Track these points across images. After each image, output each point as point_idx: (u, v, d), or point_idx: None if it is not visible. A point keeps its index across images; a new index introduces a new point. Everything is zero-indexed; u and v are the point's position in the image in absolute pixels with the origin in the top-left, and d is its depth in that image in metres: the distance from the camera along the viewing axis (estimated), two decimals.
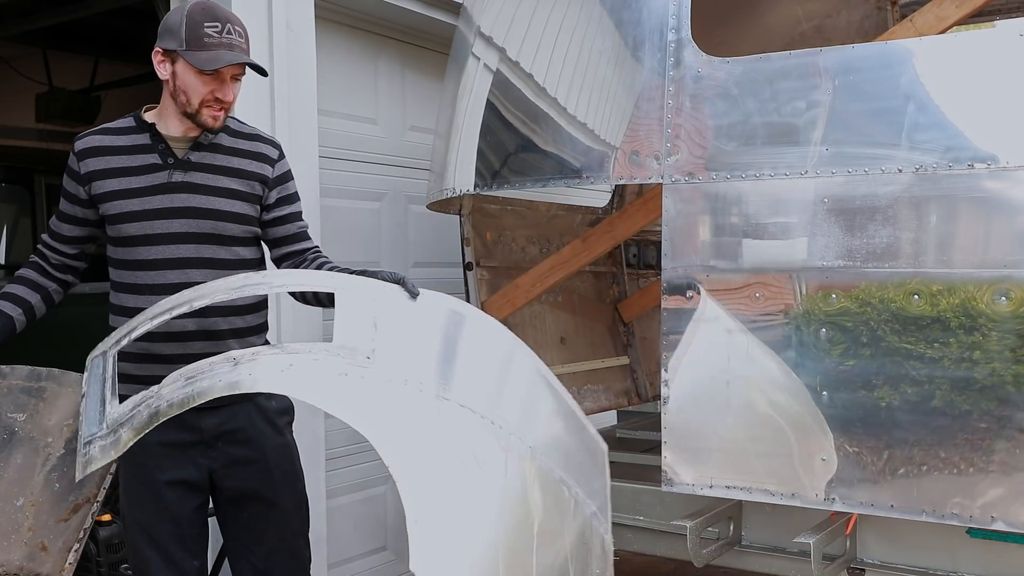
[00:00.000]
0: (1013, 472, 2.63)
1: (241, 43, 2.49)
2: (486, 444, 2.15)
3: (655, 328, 4.94)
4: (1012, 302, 2.61)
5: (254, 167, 2.66)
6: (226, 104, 2.52)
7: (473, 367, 2.32)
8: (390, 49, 4.90)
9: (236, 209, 2.61)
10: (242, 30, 2.50)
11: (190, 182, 2.55)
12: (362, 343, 2.10)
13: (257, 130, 2.77)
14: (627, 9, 3.31)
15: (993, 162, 2.65)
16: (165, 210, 2.53)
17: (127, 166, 2.54)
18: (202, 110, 2.50)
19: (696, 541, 3.14)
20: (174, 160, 2.55)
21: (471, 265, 4.26)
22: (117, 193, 2.53)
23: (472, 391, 2.21)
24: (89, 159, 2.55)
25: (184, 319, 2.42)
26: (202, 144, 2.58)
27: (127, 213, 2.53)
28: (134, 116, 2.63)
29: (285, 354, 2.06)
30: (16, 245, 5.78)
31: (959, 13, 3.33)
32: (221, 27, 2.45)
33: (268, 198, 2.69)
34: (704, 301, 3.05)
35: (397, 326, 2.25)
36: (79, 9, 4.67)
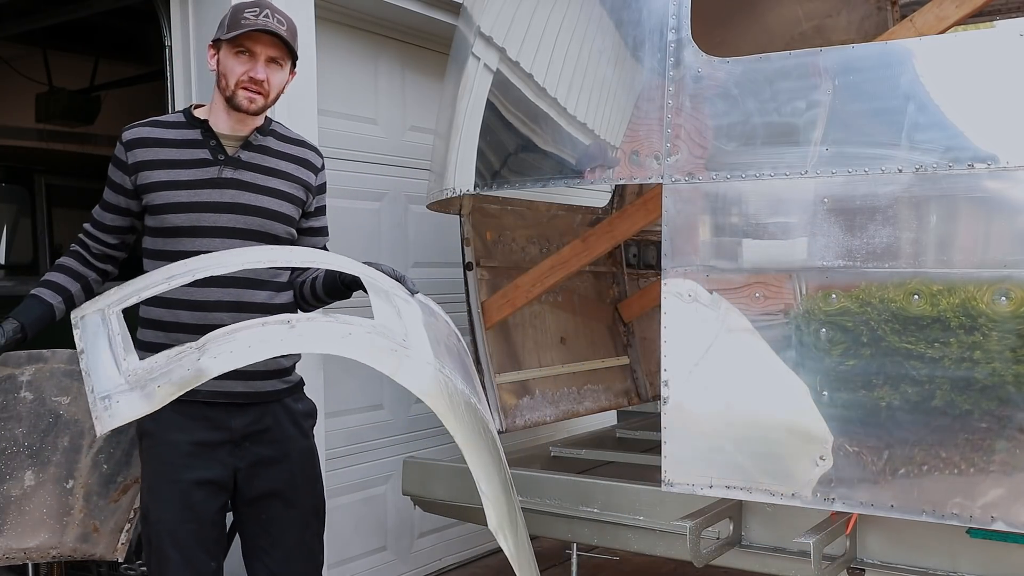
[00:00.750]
0: (1013, 472, 2.63)
1: (279, 27, 2.53)
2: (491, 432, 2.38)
3: (655, 328, 4.93)
4: (1012, 302, 2.61)
5: (301, 172, 2.73)
6: (259, 83, 2.55)
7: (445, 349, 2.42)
8: (390, 49, 4.90)
9: (283, 210, 2.67)
10: (282, 17, 2.56)
11: (240, 179, 2.61)
12: (397, 328, 2.16)
13: (303, 137, 2.84)
14: (627, 9, 3.31)
15: (993, 162, 2.65)
16: (214, 204, 2.57)
17: (176, 159, 2.59)
18: (237, 91, 2.55)
19: (696, 541, 3.13)
20: (224, 157, 2.61)
21: (471, 265, 4.26)
22: (165, 184, 2.57)
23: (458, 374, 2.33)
24: (137, 149, 2.60)
25: (216, 288, 2.48)
26: (252, 144, 2.64)
27: (175, 204, 2.57)
28: (184, 112, 2.69)
29: (339, 323, 2.05)
30: (16, 245, 5.78)
31: (959, 13, 3.34)
32: (259, 11, 2.52)
33: (309, 205, 2.77)
34: (704, 301, 3.05)
35: (414, 319, 2.32)
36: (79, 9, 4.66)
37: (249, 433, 2.63)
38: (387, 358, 2.08)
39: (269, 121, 2.72)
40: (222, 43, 2.55)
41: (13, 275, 5.65)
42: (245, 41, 2.53)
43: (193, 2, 3.98)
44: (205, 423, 2.55)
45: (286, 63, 2.62)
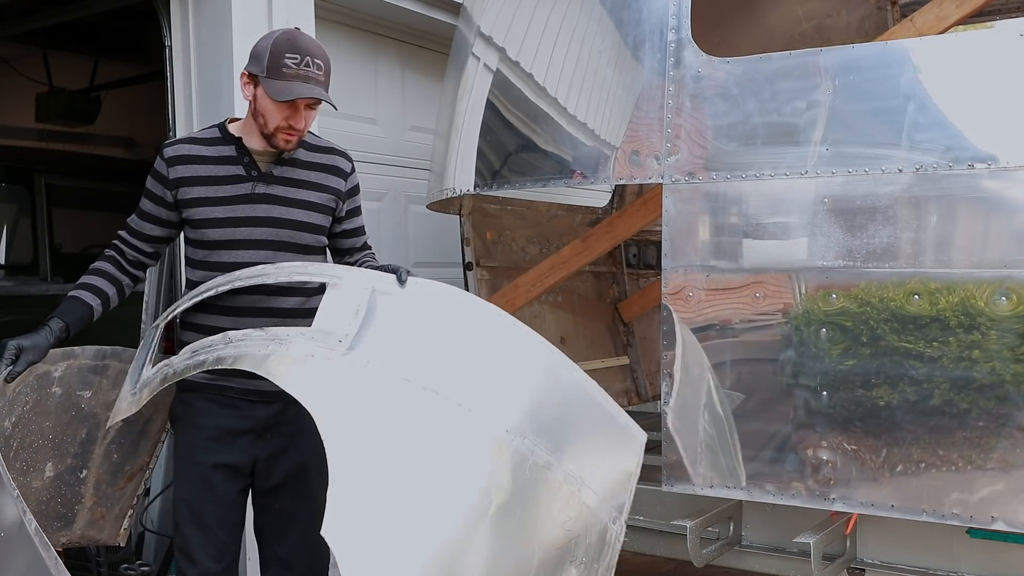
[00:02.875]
0: (1013, 471, 2.63)
1: (318, 76, 2.59)
2: (443, 425, 2.19)
3: (655, 328, 4.94)
4: (1012, 302, 2.61)
5: (331, 181, 2.80)
6: (299, 131, 2.64)
7: (454, 352, 2.35)
8: (390, 49, 4.90)
9: (313, 220, 2.75)
10: (322, 63, 2.61)
11: (272, 194, 2.69)
12: (339, 328, 2.23)
13: (331, 143, 2.90)
14: (627, 9, 3.31)
15: (993, 162, 2.65)
16: (248, 218, 2.67)
17: (214, 175, 2.68)
18: (277, 134, 2.63)
19: (696, 541, 3.14)
20: (258, 173, 2.69)
21: (471, 265, 4.26)
22: (204, 200, 2.67)
23: (446, 374, 2.24)
24: (178, 166, 2.68)
25: (249, 295, 2.62)
26: (283, 159, 2.72)
27: (212, 219, 2.66)
28: (219, 127, 2.76)
29: (267, 338, 2.28)
30: (16, 245, 5.78)
31: (959, 13, 3.33)
32: (300, 59, 2.56)
33: (340, 211, 2.84)
34: (704, 301, 3.05)
35: (384, 314, 2.32)
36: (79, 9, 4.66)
37: (272, 424, 2.74)
38: (292, 368, 2.20)
39: None
40: (260, 81, 2.59)
41: (13, 275, 5.65)
42: None
43: (193, 2, 3.98)
44: (234, 411, 2.68)
45: (320, 101, 2.68)
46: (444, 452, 2.18)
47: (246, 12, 3.92)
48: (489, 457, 2.21)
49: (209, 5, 3.94)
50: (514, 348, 2.44)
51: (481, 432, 2.21)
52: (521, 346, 2.44)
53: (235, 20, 3.88)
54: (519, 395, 2.36)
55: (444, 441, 2.18)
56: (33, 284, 5.57)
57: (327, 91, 2.64)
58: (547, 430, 2.35)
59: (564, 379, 2.49)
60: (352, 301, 2.31)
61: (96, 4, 4.64)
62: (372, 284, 2.37)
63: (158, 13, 4.08)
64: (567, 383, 2.49)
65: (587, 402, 2.54)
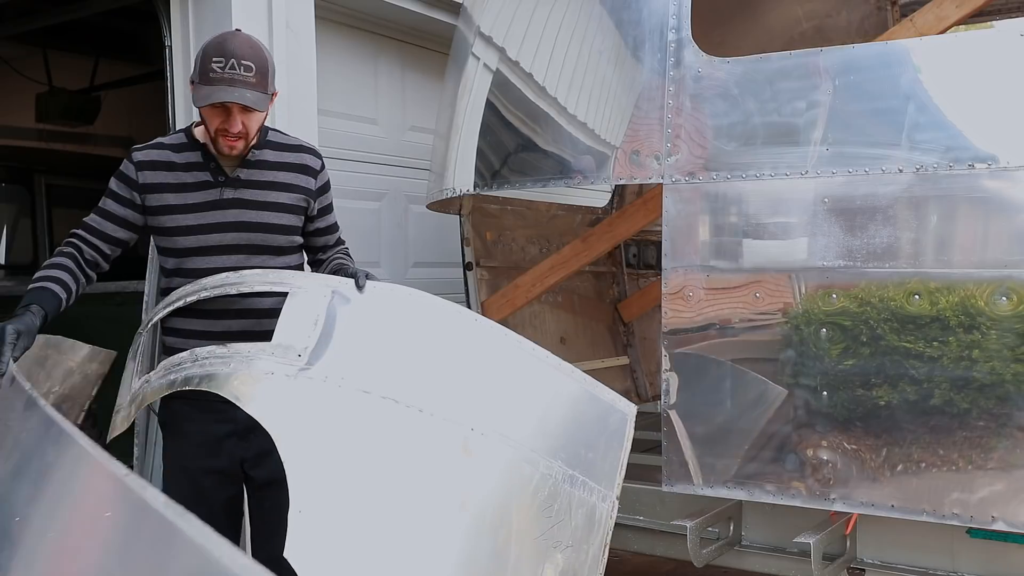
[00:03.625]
0: (1013, 471, 2.63)
1: (246, 77, 2.50)
2: (405, 433, 2.19)
3: (655, 328, 4.94)
4: (1012, 302, 2.61)
5: (301, 180, 2.76)
6: (232, 135, 2.56)
7: (414, 357, 2.33)
8: (390, 49, 4.90)
9: (283, 221, 2.72)
10: (252, 63, 2.51)
11: (241, 198, 2.67)
12: (298, 341, 2.22)
13: (300, 140, 2.86)
14: (627, 9, 3.31)
15: (993, 162, 2.65)
16: (218, 224, 2.64)
17: (183, 182, 2.65)
18: (218, 139, 2.58)
19: (696, 541, 3.14)
20: (224, 178, 2.66)
21: (471, 265, 4.26)
22: (173, 208, 2.64)
23: (405, 381, 2.23)
24: (147, 171, 2.64)
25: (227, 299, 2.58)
26: (249, 161, 2.68)
27: (182, 227, 2.64)
28: (185, 132, 2.73)
29: (229, 356, 2.26)
30: (16, 245, 5.77)
31: (959, 13, 3.33)
32: (225, 62, 2.49)
33: (312, 209, 2.81)
34: (704, 301, 3.05)
35: (343, 323, 2.31)
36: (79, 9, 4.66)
37: (254, 425, 2.67)
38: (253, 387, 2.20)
39: (265, 131, 2.74)
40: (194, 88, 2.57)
41: (13, 275, 5.65)
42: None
43: (193, 2, 3.98)
44: (213, 416, 2.63)
45: (262, 104, 2.60)
46: (408, 460, 2.18)
47: (246, 12, 3.92)
48: (455, 459, 2.21)
49: (209, 5, 3.94)
50: (477, 344, 2.43)
51: (445, 435, 2.21)
52: (484, 341, 2.43)
53: (235, 20, 3.88)
54: (484, 391, 2.35)
55: (407, 449, 2.18)
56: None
57: (265, 91, 2.54)
58: (520, 420, 2.35)
59: (534, 367, 2.47)
60: (311, 312, 2.29)
61: (96, 4, 4.64)
62: (331, 291, 2.34)
63: (158, 13, 4.08)
64: (538, 370, 2.47)
65: (562, 386, 2.51)
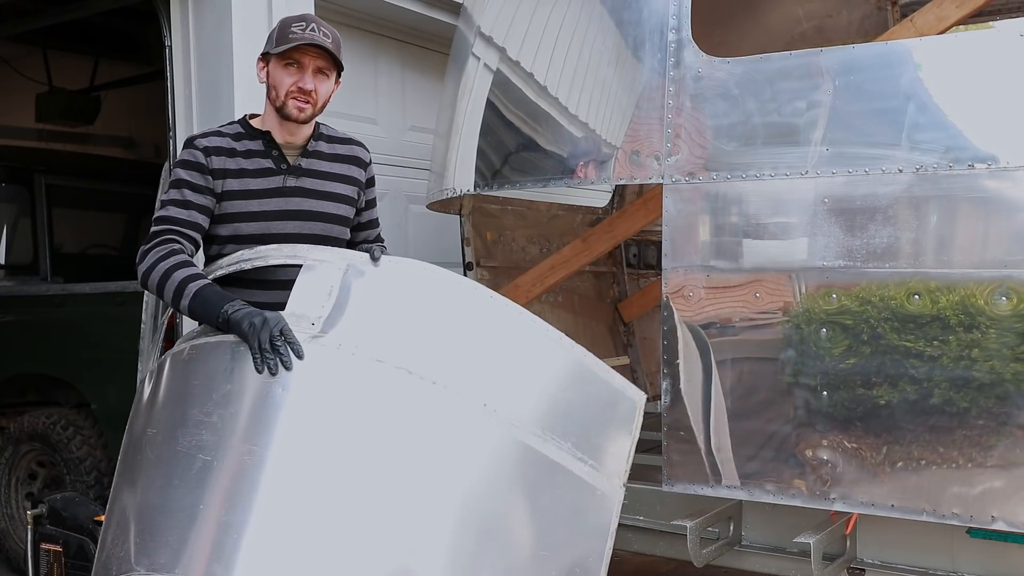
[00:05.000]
0: (1013, 471, 2.63)
1: (325, 39, 2.62)
2: (418, 404, 2.20)
3: (655, 328, 4.94)
4: (1012, 301, 2.61)
5: (353, 172, 2.83)
6: (308, 93, 2.63)
7: (429, 329, 2.33)
8: (390, 49, 4.90)
9: (341, 212, 2.78)
10: (328, 32, 2.65)
11: (302, 187, 2.71)
12: (312, 310, 2.25)
13: (348, 134, 2.91)
14: (627, 9, 3.31)
15: (993, 162, 2.65)
16: (281, 212, 2.67)
17: (242, 167, 2.67)
18: (287, 101, 2.63)
19: (696, 541, 3.13)
20: (287, 166, 2.70)
21: (471, 265, 4.26)
22: (239, 193, 2.65)
23: (420, 353, 2.24)
24: (214, 156, 2.65)
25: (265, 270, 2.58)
26: (308, 151, 2.74)
27: (247, 213, 2.65)
28: (241, 123, 2.76)
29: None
30: (16, 245, 5.77)
31: (959, 13, 3.34)
32: (306, 25, 2.62)
33: (361, 202, 2.87)
34: (704, 301, 3.05)
35: (357, 294, 2.33)
36: (79, 9, 4.66)
37: None
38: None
39: (317, 125, 2.80)
40: (271, 57, 2.65)
41: (13, 275, 5.65)
42: (294, 54, 2.62)
43: (193, 2, 3.98)
44: None
45: (332, 73, 2.70)
46: (420, 432, 2.18)
47: (246, 12, 3.92)
48: (465, 432, 2.22)
49: (209, 5, 3.95)
50: (491, 320, 2.41)
51: (457, 409, 2.21)
52: (498, 317, 2.42)
53: (235, 20, 3.89)
54: (496, 367, 2.35)
55: (419, 421, 2.19)
56: (33, 284, 5.56)
57: (338, 63, 2.66)
58: (531, 399, 2.34)
59: (547, 346, 2.44)
60: (325, 282, 2.32)
61: (96, 4, 4.64)
62: (346, 264, 2.36)
63: (158, 13, 4.09)
64: (551, 350, 2.45)
65: (574, 369, 2.48)
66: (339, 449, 2.13)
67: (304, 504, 2.06)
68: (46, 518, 3.85)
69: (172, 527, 2.07)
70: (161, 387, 2.39)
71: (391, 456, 2.14)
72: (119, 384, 4.41)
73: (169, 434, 2.20)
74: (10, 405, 5.24)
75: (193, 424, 2.17)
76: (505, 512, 2.26)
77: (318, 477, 2.09)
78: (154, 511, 2.12)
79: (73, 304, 4.91)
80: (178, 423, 2.20)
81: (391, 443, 2.15)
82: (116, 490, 2.39)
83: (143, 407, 2.42)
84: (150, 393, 2.42)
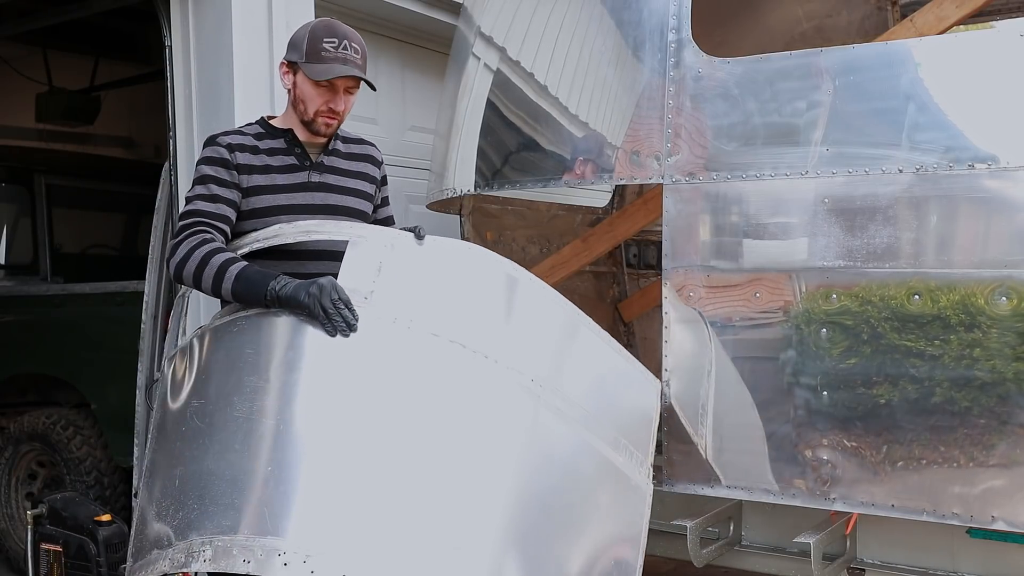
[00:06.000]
0: (1013, 471, 2.63)
1: (356, 59, 2.65)
2: (474, 377, 2.35)
3: (655, 328, 4.92)
4: (1012, 301, 2.61)
5: (370, 170, 2.89)
6: (338, 114, 2.69)
7: (475, 307, 2.47)
8: (390, 49, 4.90)
9: (362, 208, 2.84)
10: (359, 47, 2.66)
11: (326, 183, 2.76)
12: (363, 285, 2.32)
13: (359, 134, 2.97)
14: (627, 9, 3.31)
15: (993, 162, 2.65)
16: (307, 206, 2.71)
17: (267, 164, 2.70)
18: (317, 119, 2.68)
19: (696, 541, 3.14)
20: (311, 163, 2.75)
21: None
22: (265, 188, 2.69)
23: (469, 329, 2.37)
24: (238, 153, 2.68)
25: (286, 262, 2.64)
26: (328, 149, 2.78)
27: (273, 207, 2.68)
28: (261, 123, 2.79)
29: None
30: (16, 245, 5.77)
31: (959, 13, 3.34)
32: (338, 42, 2.62)
33: (376, 199, 2.93)
34: (704, 301, 3.05)
35: (405, 269, 2.42)
36: (79, 9, 4.66)
37: None
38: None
39: None
40: (299, 68, 2.65)
41: (13, 275, 5.65)
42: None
43: (193, 2, 3.98)
44: None
45: (358, 87, 2.73)
46: (474, 401, 2.34)
47: (246, 12, 3.91)
48: (518, 407, 2.37)
49: (209, 5, 3.94)
50: (533, 304, 2.57)
51: (510, 383, 2.37)
52: (540, 302, 2.58)
53: (235, 20, 3.88)
54: (541, 348, 2.51)
55: (474, 391, 2.34)
56: (33, 284, 5.56)
57: (366, 74, 2.68)
58: (573, 380, 2.52)
59: (585, 334, 2.68)
60: (374, 258, 2.39)
61: (96, 4, 4.64)
62: (391, 241, 2.44)
63: (158, 13, 4.08)
64: (589, 338, 2.67)
65: (610, 357, 2.70)
66: (402, 415, 2.25)
67: (371, 468, 2.16)
68: (46, 518, 3.86)
69: (236, 491, 2.14)
70: (203, 360, 2.44)
71: (448, 424, 2.28)
72: (119, 384, 4.41)
73: (224, 401, 2.26)
74: (10, 405, 5.24)
75: (251, 390, 2.23)
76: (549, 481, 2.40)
77: (382, 441, 2.20)
78: (213, 477, 2.17)
79: (73, 304, 4.92)
80: (233, 390, 2.26)
81: (447, 412, 2.29)
82: (153, 467, 2.44)
83: (178, 383, 2.48)
84: (186, 370, 2.47)
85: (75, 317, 4.87)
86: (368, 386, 2.26)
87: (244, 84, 3.88)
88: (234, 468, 2.15)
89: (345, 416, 2.21)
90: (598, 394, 2.61)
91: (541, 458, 2.39)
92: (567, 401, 2.45)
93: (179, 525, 2.16)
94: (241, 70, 3.88)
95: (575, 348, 2.63)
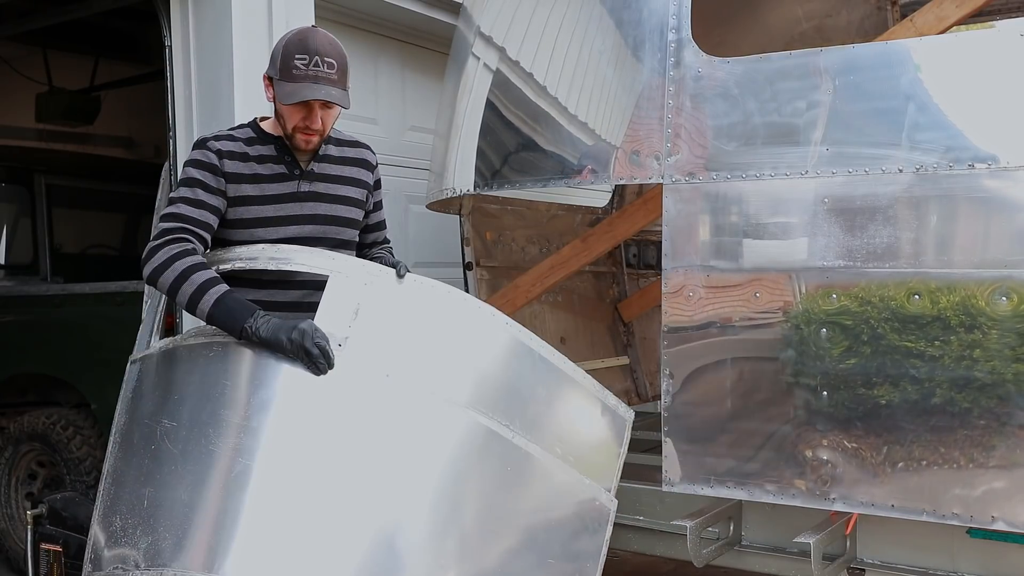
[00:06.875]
0: (1013, 471, 2.63)
1: (329, 75, 2.54)
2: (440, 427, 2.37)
3: (655, 328, 4.94)
4: (1012, 302, 2.61)
5: (361, 175, 2.84)
6: (315, 132, 2.62)
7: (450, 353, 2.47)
8: (390, 49, 4.90)
9: (352, 215, 2.80)
10: (335, 61, 2.55)
11: (316, 191, 2.71)
12: (339, 329, 2.33)
13: (354, 136, 2.92)
14: (627, 9, 3.31)
15: (993, 162, 2.65)
16: (296, 216, 2.67)
17: (257, 173, 2.65)
18: (295, 135, 2.63)
19: (696, 541, 3.13)
20: (300, 171, 2.70)
21: (471, 265, 4.26)
22: (251, 199, 2.64)
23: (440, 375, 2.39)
24: (227, 160, 2.62)
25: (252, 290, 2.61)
26: (319, 155, 2.73)
27: (261, 218, 2.64)
28: (252, 127, 2.73)
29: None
30: (16, 245, 5.77)
31: (959, 13, 3.33)
32: (309, 59, 2.52)
33: (369, 204, 2.88)
34: (704, 301, 3.05)
35: (381, 313, 2.40)
36: (79, 9, 4.66)
37: None
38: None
39: None
40: (274, 84, 2.59)
41: (13, 275, 5.65)
42: None
43: (193, 2, 3.98)
44: None
45: (344, 100, 2.65)
46: (440, 457, 2.35)
47: (246, 12, 3.92)
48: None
49: (209, 5, 3.94)
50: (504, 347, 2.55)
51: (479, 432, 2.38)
52: (505, 344, 2.56)
53: (235, 20, 3.88)
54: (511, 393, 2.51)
55: (438, 444, 2.36)
56: (33, 284, 5.56)
57: (345, 88, 2.60)
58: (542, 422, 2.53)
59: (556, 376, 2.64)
60: (351, 299, 2.37)
61: (96, 4, 4.64)
62: (370, 279, 2.42)
63: (158, 13, 4.08)
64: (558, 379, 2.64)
65: (577, 394, 2.68)
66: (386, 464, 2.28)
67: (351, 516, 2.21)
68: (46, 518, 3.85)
69: (212, 528, 2.15)
70: (176, 380, 2.44)
71: (415, 483, 2.31)
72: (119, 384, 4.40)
73: (198, 432, 2.27)
74: (10, 405, 5.24)
75: (228, 427, 2.24)
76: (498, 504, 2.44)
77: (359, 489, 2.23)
78: (187, 509, 2.18)
79: (73, 304, 4.91)
80: (208, 422, 2.27)
81: (417, 468, 2.31)
82: (118, 475, 2.43)
83: (147, 394, 2.48)
84: (156, 382, 2.48)
85: (75, 317, 4.86)
86: (337, 438, 2.29)
87: (244, 84, 3.88)
88: (209, 504, 2.18)
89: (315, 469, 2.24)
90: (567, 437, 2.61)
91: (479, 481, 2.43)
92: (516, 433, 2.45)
93: (149, 551, 2.17)
94: (241, 70, 3.89)
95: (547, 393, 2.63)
